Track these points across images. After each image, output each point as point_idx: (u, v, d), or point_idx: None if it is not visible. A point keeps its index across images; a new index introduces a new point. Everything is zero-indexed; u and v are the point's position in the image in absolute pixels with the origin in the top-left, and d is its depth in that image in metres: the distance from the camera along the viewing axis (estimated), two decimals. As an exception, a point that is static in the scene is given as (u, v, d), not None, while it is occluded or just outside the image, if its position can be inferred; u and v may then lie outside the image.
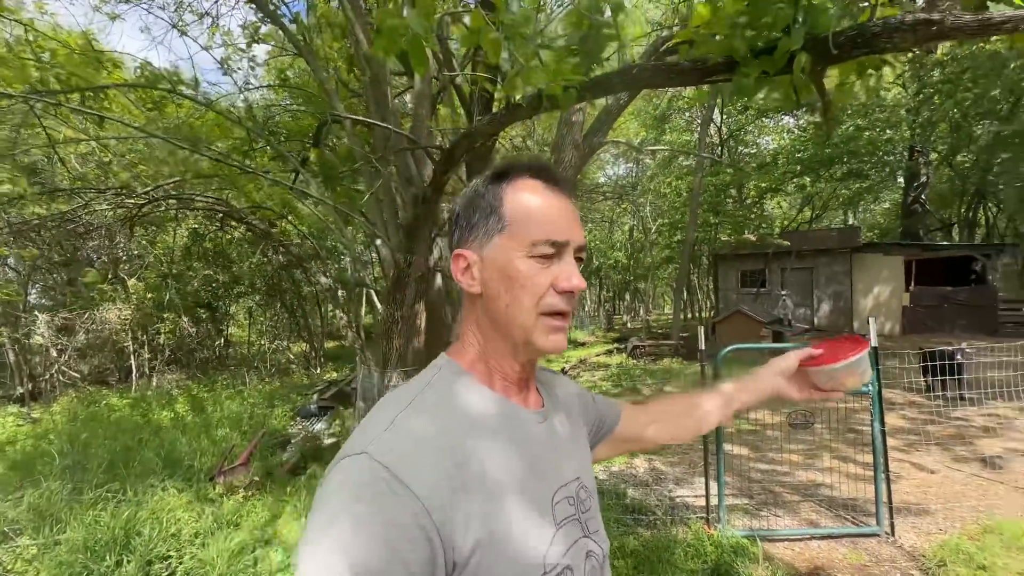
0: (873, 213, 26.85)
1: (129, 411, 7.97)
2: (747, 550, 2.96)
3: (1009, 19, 1.23)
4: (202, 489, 4.30)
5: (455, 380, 0.60)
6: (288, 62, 7.01)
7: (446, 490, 0.48)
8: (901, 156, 16.77)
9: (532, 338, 0.59)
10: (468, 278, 0.62)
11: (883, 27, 1.32)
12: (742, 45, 1.53)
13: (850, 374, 0.79)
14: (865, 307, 13.89)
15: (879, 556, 2.96)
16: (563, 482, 0.61)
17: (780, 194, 19.01)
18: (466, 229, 0.62)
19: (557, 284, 0.58)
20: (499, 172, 0.63)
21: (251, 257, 13.70)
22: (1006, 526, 3.04)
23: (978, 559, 2.74)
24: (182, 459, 5.22)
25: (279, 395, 9.62)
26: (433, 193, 2.89)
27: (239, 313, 18.86)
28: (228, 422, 7.13)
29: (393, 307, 3.34)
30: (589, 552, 0.59)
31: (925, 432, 5.18)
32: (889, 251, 14.05)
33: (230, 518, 3.72)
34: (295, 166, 4.14)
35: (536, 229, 0.58)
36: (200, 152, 4.00)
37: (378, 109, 3.27)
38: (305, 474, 4.52)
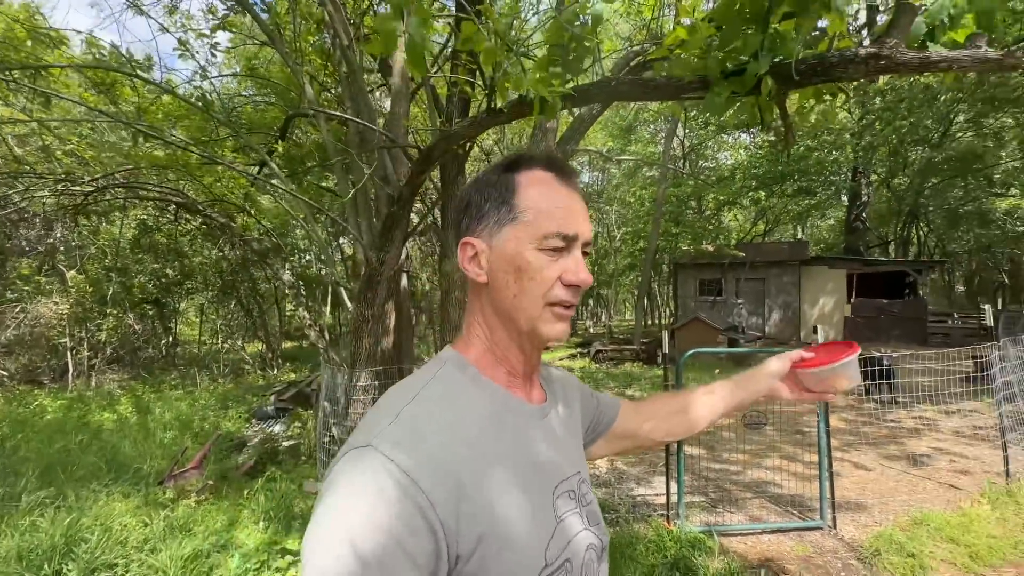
0: (819, 229, 28.53)
1: (65, 413, 7.43)
2: (704, 544, 3.10)
3: (945, 59, 1.38)
4: (151, 494, 4.08)
5: (460, 373, 0.60)
6: (254, 51, 6.78)
7: (450, 484, 0.48)
8: (845, 176, 17.97)
9: (537, 327, 0.59)
10: (475, 267, 0.61)
11: (840, 58, 1.46)
12: (715, 66, 1.64)
13: (840, 376, 0.81)
14: (811, 317, 14.74)
15: (822, 548, 3.17)
16: (564, 476, 0.61)
17: (736, 207, 19.94)
18: (475, 217, 0.61)
19: (565, 277, 0.58)
20: (512, 162, 0.63)
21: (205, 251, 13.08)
22: (932, 518, 3.33)
23: (908, 548, 2.99)
24: (127, 463, 4.93)
25: (233, 396, 9.22)
26: (409, 193, 2.89)
27: (189, 310, 17.95)
28: (177, 424, 6.79)
29: (364, 306, 3.30)
30: (589, 545, 0.60)
31: (862, 433, 5.57)
32: (834, 265, 15.00)
33: (182, 523, 3.55)
34: (261, 157, 4.02)
35: (548, 222, 0.58)
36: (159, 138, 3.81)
37: (353, 105, 3.23)
38: (263, 477, 4.36)
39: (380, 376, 3.55)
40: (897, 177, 19.00)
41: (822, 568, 2.95)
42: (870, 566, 2.93)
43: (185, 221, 9.45)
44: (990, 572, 2.82)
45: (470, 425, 0.54)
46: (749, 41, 1.58)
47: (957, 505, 3.58)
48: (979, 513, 3.37)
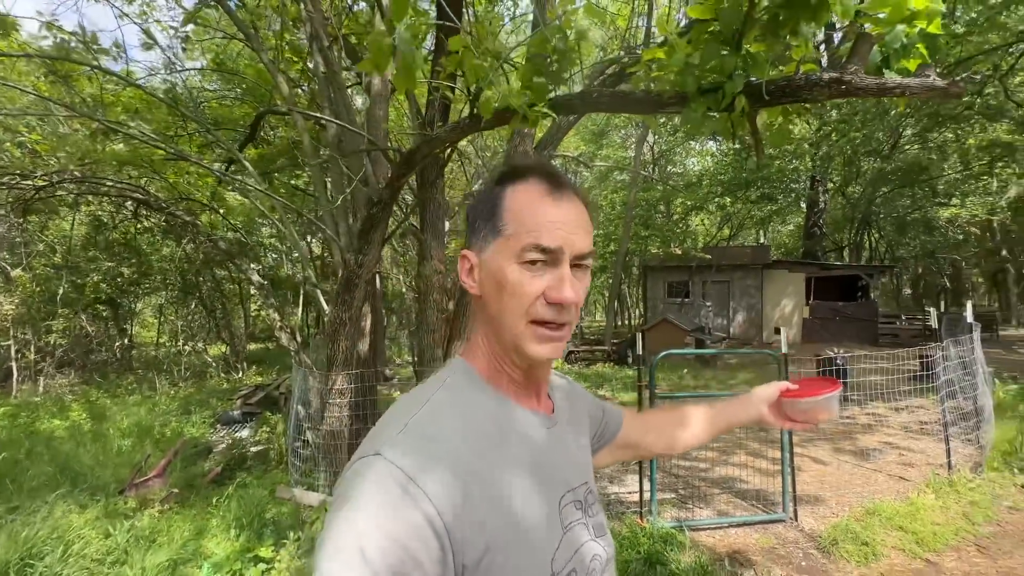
0: (780, 234, 29.77)
1: (10, 420, 6.99)
2: (675, 539, 3.22)
3: (898, 85, 1.51)
4: (111, 504, 3.91)
5: (468, 382, 0.60)
6: (222, 45, 6.56)
7: (458, 493, 0.49)
8: (804, 184, 18.84)
9: (520, 344, 0.58)
10: (470, 280, 0.61)
11: (805, 81, 1.57)
12: (692, 83, 1.73)
13: (821, 410, 0.86)
14: (773, 318, 15.37)
15: (785, 539, 3.34)
16: (570, 486, 0.62)
17: (703, 212, 20.58)
18: (472, 231, 0.62)
19: (548, 294, 0.56)
20: (504, 174, 0.62)
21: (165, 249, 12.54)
22: (883, 508, 3.56)
23: (862, 537, 3.19)
24: (84, 472, 4.70)
25: (196, 401, 8.88)
26: (389, 195, 2.89)
27: (146, 311, 17.14)
28: (136, 431, 6.50)
29: (341, 308, 3.27)
30: (595, 555, 0.60)
31: (819, 430, 5.87)
32: (793, 268, 15.69)
33: (147, 534, 3.42)
34: (232, 154, 3.91)
35: (527, 235, 0.56)
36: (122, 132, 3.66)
37: (332, 105, 3.20)
38: (233, 484, 4.24)
39: (356, 379, 3.52)
40: (851, 186, 20.05)
41: (785, 558, 3.11)
42: (828, 555, 3.11)
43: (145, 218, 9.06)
44: (933, 556, 3.04)
45: (478, 434, 0.55)
46: (726, 62, 1.68)
47: (905, 496, 3.84)
48: (924, 502, 3.63)
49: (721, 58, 1.62)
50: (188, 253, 11.71)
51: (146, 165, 4.84)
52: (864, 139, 15.62)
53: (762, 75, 1.60)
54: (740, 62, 1.65)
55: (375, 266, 3.46)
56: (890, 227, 21.94)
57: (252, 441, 6.30)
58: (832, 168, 18.22)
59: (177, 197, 5.49)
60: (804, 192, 18.99)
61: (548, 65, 2.13)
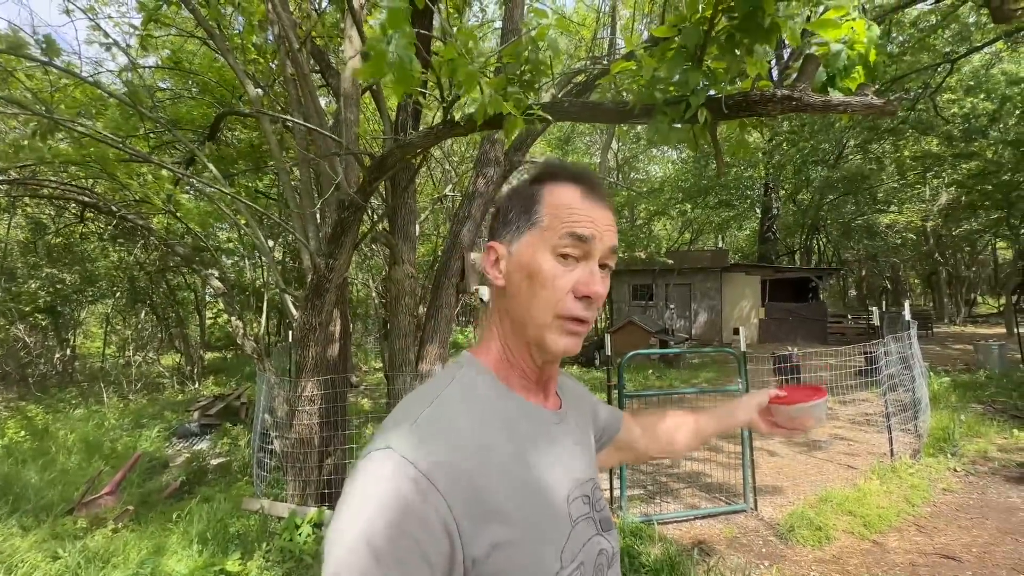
0: (738, 238, 31.08)
1: (-63, 440, 6.44)
2: (644, 533, 3.33)
3: (841, 103, 1.66)
4: (59, 524, 3.68)
5: (477, 378, 0.61)
6: (179, 43, 6.32)
7: (467, 487, 0.49)
8: (759, 191, 19.78)
9: (545, 337, 0.59)
10: (495, 271, 0.62)
11: (760, 97, 1.70)
12: (659, 95, 1.84)
13: (807, 417, 0.88)
14: (732, 319, 16.01)
15: (746, 528, 3.51)
16: (578, 481, 0.62)
17: (665, 217, 21.24)
18: (502, 223, 0.64)
19: (577, 288, 0.58)
20: (542, 173, 0.65)
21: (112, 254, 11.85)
22: (834, 495, 3.80)
23: (816, 522, 3.40)
24: (24, 493, 4.40)
25: (148, 414, 8.43)
26: (361, 199, 2.88)
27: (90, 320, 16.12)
28: (83, 447, 6.12)
29: (311, 314, 3.21)
30: (601, 550, 0.61)
31: (777, 424, 6.18)
32: (749, 272, 16.42)
33: (100, 555, 3.25)
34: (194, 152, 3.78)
35: (561, 225, 0.59)
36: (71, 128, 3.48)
37: (300, 107, 3.15)
38: (196, 498, 4.07)
39: (327, 385, 3.46)
40: (801, 193, 21.19)
41: (746, 546, 3.27)
42: (786, 541, 3.30)
43: (91, 221, 8.55)
44: (879, 537, 3.27)
45: (487, 429, 0.55)
46: (690, 77, 1.79)
47: (853, 483, 4.11)
48: (870, 488, 3.90)
49: (685, 73, 1.73)
50: (139, 259, 11.13)
51: (96, 165, 4.59)
52: (812, 149, 16.58)
53: (721, 90, 1.72)
54: (702, 77, 1.77)
55: (346, 271, 3.43)
56: (836, 232, 23.30)
57: (212, 453, 6.05)
58: (784, 176, 19.22)
59: (130, 200, 5.24)
60: (759, 199, 19.94)
61: (521, 75, 2.21)
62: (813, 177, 19.47)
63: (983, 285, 26.82)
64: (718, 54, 1.81)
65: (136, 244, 9.51)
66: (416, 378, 3.64)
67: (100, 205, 6.16)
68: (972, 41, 10.10)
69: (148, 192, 4.68)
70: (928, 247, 21.21)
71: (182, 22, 6.52)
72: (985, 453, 4.68)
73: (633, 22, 5.16)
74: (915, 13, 9.47)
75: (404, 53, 1.34)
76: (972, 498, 3.82)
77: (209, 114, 6.26)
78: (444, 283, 3.90)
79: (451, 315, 3.98)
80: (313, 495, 3.59)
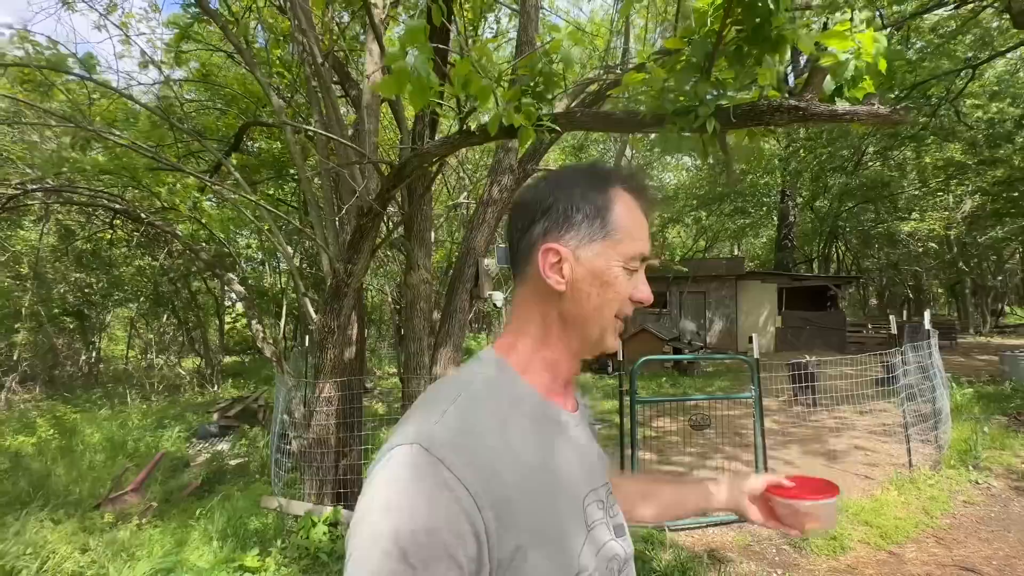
0: (754, 246, 30.72)
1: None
2: (656, 539, 3.34)
3: (848, 112, 1.70)
4: (87, 519, 3.82)
5: (502, 376, 0.61)
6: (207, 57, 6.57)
7: (494, 488, 0.48)
8: (775, 198, 19.58)
9: (606, 337, 0.63)
10: (557, 274, 0.61)
11: (767, 107, 1.74)
12: (668, 106, 1.89)
13: (814, 517, 0.74)
14: (747, 328, 15.82)
15: (759, 536, 3.49)
16: (594, 485, 0.62)
17: (680, 225, 21.15)
18: (562, 223, 0.62)
19: (633, 295, 0.63)
20: (606, 176, 0.65)
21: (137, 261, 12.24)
22: (850, 505, 3.75)
23: (831, 532, 3.36)
24: (55, 488, 4.57)
25: (170, 415, 8.65)
26: (379, 206, 2.98)
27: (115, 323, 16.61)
28: (108, 446, 6.32)
29: (330, 317, 3.31)
30: (615, 555, 0.60)
31: (790, 433, 6.11)
32: (766, 280, 16.23)
33: (126, 548, 3.37)
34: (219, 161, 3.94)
35: (635, 244, 0.62)
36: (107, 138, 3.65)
37: (322, 118, 3.28)
38: (218, 496, 4.18)
39: (344, 386, 3.55)
40: (819, 200, 20.91)
41: (759, 554, 3.25)
42: (800, 550, 3.27)
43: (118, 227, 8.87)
44: (896, 548, 3.23)
45: (513, 429, 0.55)
46: (698, 87, 1.84)
47: (870, 493, 4.04)
48: (888, 499, 3.84)
49: (694, 83, 1.78)
50: (163, 264, 11.48)
51: (127, 175, 4.80)
52: (830, 156, 16.38)
53: (730, 100, 1.77)
54: (711, 87, 1.82)
55: (364, 275, 3.53)
56: (856, 240, 22.91)
57: (231, 454, 6.20)
58: (801, 183, 19.00)
59: (159, 207, 5.45)
60: (775, 206, 19.72)
61: (535, 86, 2.28)
62: (831, 184, 19.22)
63: (1011, 295, 26.05)
64: (728, 65, 1.86)
65: (161, 250, 9.81)
66: (430, 381, 3.71)
67: (129, 211, 6.41)
68: (994, 47, 9.94)
69: (175, 199, 4.87)
70: (952, 255, 20.71)
71: (209, 35, 6.80)
72: (1009, 466, 4.57)
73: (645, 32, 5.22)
74: (934, 19, 9.37)
75: (422, 68, 1.43)
76: (994, 511, 3.73)
77: (234, 124, 6.48)
78: (458, 288, 3.98)
79: (465, 320, 4.06)
80: (329, 494, 3.67)
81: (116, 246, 10.79)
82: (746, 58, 1.77)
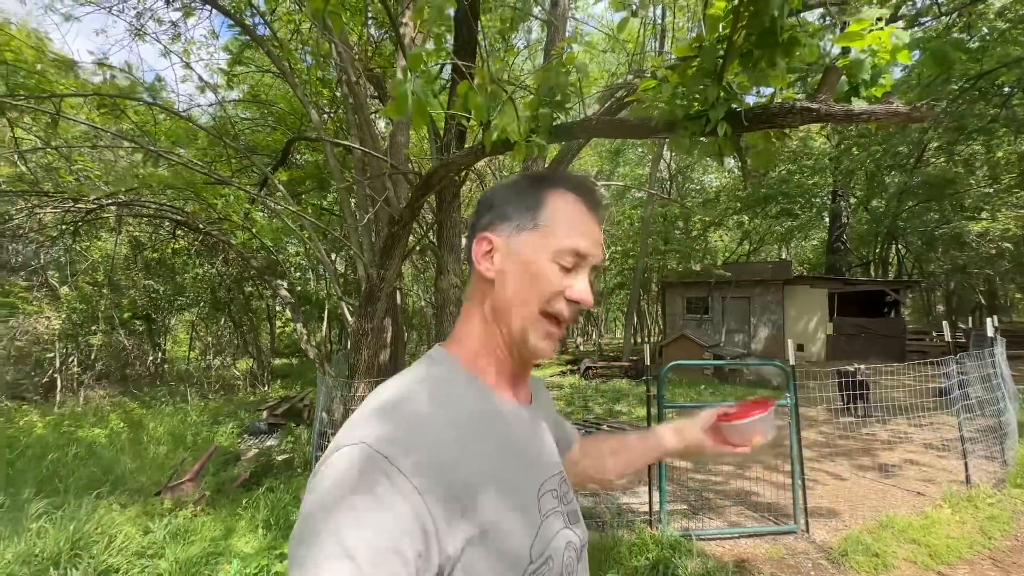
0: (803, 249, 29.29)
1: (54, 428, 7.42)
2: (683, 547, 3.28)
3: (865, 111, 1.66)
4: (149, 504, 4.17)
5: (449, 372, 0.61)
6: (257, 78, 7.07)
7: (442, 483, 0.48)
8: (826, 199, 18.63)
9: (527, 334, 0.61)
10: (487, 262, 0.62)
11: (779, 109, 1.74)
12: (680, 111, 1.92)
13: (756, 431, 0.85)
14: (795, 335, 15.10)
15: (795, 550, 3.36)
16: (547, 475, 0.62)
17: (722, 228, 20.50)
18: (497, 216, 0.63)
19: (568, 292, 0.61)
20: (546, 177, 0.65)
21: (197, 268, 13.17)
22: (897, 521, 3.54)
23: (873, 548, 3.19)
24: (123, 475, 5.00)
25: (224, 412, 9.24)
26: (409, 214, 3.13)
27: (178, 327, 17.88)
28: (170, 439, 6.83)
29: (364, 320, 3.49)
30: (568, 543, 0.60)
31: (839, 445, 5.80)
32: (815, 284, 15.45)
33: (181, 532, 3.66)
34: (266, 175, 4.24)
35: (566, 238, 0.61)
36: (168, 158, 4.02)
37: (359, 133, 3.49)
38: (263, 488, 4.46)
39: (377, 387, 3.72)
40: (875, 200, 19.73)
41: (793, 567, 3.14)
42: (838, 565, 3.13)
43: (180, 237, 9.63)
44: (946, 569, 3.03)
45: (460, 423, 0.55)
46: (709, 92, 1.86)
47: (921, 510, 3.80)
48: (940, 516, 3.60)
49: (704, 89, 1.81)
50: (220, 271, 12.30)
51: (187, 189, 5.25)
52: (885, 153, 15.44)
53: (741, 103, 1.77)
54: (722, 92, 1.84)
55: (395, 280, 3.70)
56: (918, 241, 21.40)
57: (278, 450, 6.55)
58: (854, 182, 18.00)
59: (215, 218, 5.90)
60: (826, 207, 18.77)
61: (552, 96, 2.36)
62: (888, 183, 18.09)
63: (1103, 300, 23.52)
64: (740, 69, 1.87)
65: (218, 258, 10.53)
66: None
67: (189, 223, 6.96)
68: (1073, 29, 9.11)
69: (229, 211, 5.27)
70: (1030, 257, 18.98)
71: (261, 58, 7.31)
72: (1087, 487, 4.17)
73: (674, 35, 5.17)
74: (999, 3, 8.71)
75: (422, 92, 1.53)
76: (1065, 535, 3.43)
77: (282, 140, 6.93)
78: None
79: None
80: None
81: (179, 255, 11.66)
82: (757, 62, 1.78)
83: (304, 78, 4.07)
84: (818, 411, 7.52)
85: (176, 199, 7.02)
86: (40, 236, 8.00)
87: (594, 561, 3.07)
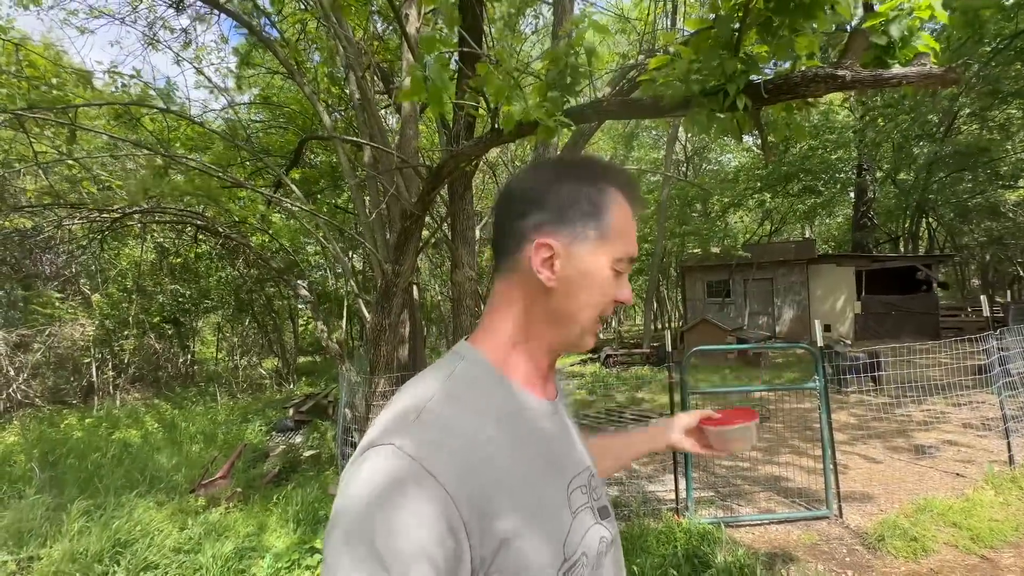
0: (828, 226, 28.41)
1: (93, 430, 7.72)
2: (713, 535, 3.22)
3: (895, 75, 1.56)
4: (184, 502, 4.30)
5: (478, 370, 0.60)
6: (267, 80, 7.12)
7: (475, 484, 0.48)
8: (851, 173, 17.97)
9: (586, 336, 0.63)
10: (548, 270, 0.60)
11: (801, 78, 1.64)
12: (695, 86, 1.83)
13: (737, 440, 0.89)
14: (821, 315, 14.70)
15: (828, 535, 3.28)
16: (577, 471, 0.62)
17: (742, 208, 19.99)
18: (555, 218, 0.60)
19: (617, 295, 0.63)
20: (602, 175, 0.64)
21: (220, 271, 13.48)
22: (935, 504, 3.42)
23: (911, 533, 3.09)
24: (159, 474, 5.17)
25: (253, 411, 9.47)
26: (421, 208, 3.10)
27: (205, 329, 18.38)
28: (202, 438, 7.03)
29: (381, 316, 3.50)
30: (601, 538, 0.60)
31: (870, 427, 5.63)
32: (841, 262, 14.98)
33: (216, 528, 3.76)
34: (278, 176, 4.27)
35: (626, 246, 0.62)
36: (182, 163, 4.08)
37: (368, 129, 3.47)
38: (290, 485, 4.55)
39: (397, 382, 3.74)
40: (902, 173, 18.96)
41: (827, 554, 3.06)
42: (874, 551, 3.04)
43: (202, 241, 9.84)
44: (990, 552, 2.91)
45: (491, 423, 0.54)
46: (726, 64, 1.77)
47: (961, 492, 3.66)
48: (982, 498, 3.46)
49: (721, 60, 1.72)
50: (241, 273, 12.56)
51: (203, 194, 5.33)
52: (912, 122, 14.80)
53: (760, 74, 1.68)
54: (740, 63, 1.75)
55: (411, 275, 3.69)
56: (950, 213, 20.52)
57: (305, 446, 6.69)
58: (880, 155, 17.31)
59: (232, 221, 5.99)
60: (851, 182, 18.11)
61: (562, 79, 2.29)
62: (917, 153, 17.35)
63: None
64: (758, 37, 1.77)
65: (239, 260, 10.74)
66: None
67: (209, 227, 7.08)
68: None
69: (246, 213, 5.33)
70: (1073, 225, 18.05)
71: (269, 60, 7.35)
72: None
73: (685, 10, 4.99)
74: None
75: (437, 76, 1.49)
76: (1119, 515, 3.26)
77: (294, 141, 6.97)
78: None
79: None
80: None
81: (201, 259, 11.93)
82: (778, 29, 1.68)
83: (312, 77, 4.06)
84: (845, 392, 7.32)
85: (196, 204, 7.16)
86: (70, 246, 8.27)
87: (623, 550, 3.05)
